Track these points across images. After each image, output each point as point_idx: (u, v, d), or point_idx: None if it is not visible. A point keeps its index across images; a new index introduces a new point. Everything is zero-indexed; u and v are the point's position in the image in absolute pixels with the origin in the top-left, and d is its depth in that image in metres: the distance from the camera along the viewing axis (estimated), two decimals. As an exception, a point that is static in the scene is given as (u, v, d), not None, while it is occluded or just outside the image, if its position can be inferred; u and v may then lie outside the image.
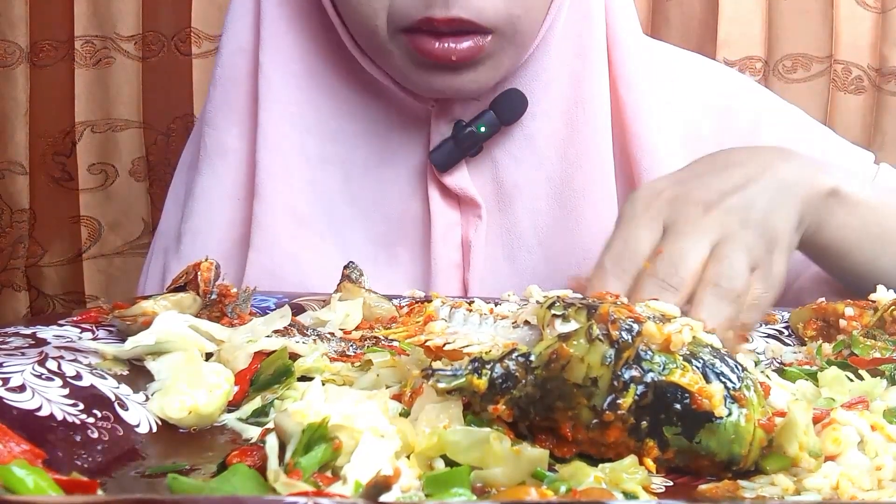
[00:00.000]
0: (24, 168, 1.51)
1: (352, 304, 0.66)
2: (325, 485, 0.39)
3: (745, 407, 0.44)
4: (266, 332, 0.57)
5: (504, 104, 0.84)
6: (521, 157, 0.86)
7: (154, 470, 0.43)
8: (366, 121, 0.86)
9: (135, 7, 1.48)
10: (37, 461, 0.39)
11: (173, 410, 0.49)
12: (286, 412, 0.42)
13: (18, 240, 1.54)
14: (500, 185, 0.86)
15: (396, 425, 0.43)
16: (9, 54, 1.48)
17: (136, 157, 1.52)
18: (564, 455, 0.46)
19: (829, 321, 0.66)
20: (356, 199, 0.87)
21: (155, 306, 0.58)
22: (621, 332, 0.45)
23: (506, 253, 0.86)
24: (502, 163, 0.86)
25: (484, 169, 0.86)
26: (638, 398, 0.44)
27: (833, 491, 0.42)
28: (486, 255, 0.85)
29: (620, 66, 0.87)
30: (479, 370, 0.46)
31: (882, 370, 0.56)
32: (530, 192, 0.85)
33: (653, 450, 0.44)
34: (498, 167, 0.86)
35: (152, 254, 0.94)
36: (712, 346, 0.47)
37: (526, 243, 0.85)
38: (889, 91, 1.43)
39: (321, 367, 0.55)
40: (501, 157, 0.86)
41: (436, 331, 0.54)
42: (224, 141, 0.88)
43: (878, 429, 0.46)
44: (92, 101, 1.49)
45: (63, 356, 0.50)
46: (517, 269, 0.85)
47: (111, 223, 1.54)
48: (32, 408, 0.44)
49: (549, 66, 0.85)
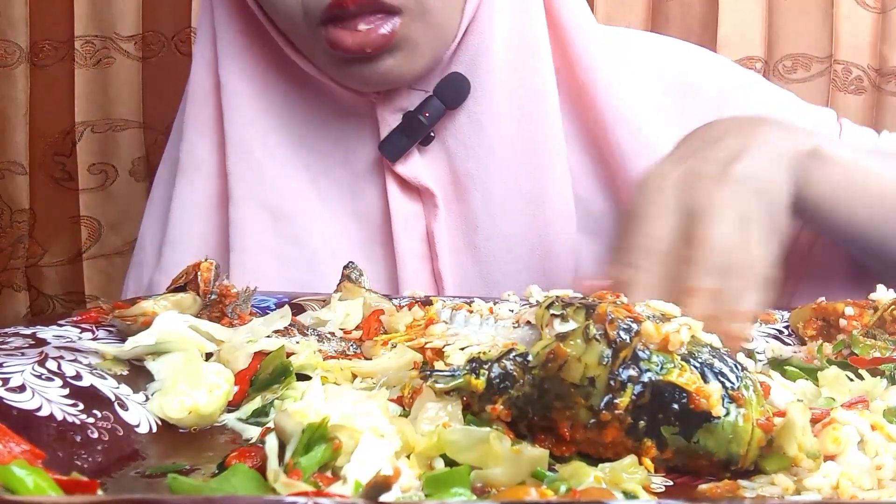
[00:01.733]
0: (24, 168, 1.50)
1: (352, 304, 0.66)
2: (325, 485, 0.39)
3: (744, 407, 0.44)
4: (266, 332, 0.57)
5: (446, 88, 0.84)
6: (472, 143, 0.86)
7: (154, 470, 0.43)
8: (318, 122, 0.88)
9: (135, 7, 1.47)
10: (37, 461, 0.39)
11: (173, 410, 0.49)
12: (286, 412, 0.43)
13: (18, 240, 1.54)
14: (454, 174, 0.86)
15: (396, 425, 0.43)
16: (9, 54, 1.47)
17: (137, 157, 1.52)
18: (563, 454, 0.46)
19: (829, 321, 0.66)
20: (325, 199, 0.88)
21: (155, 306, 0.58)
22: (619, 332, 0.45)
23: (467, 242, 0.86)
24: (455, 151, 0.86)
25: (438, 158, 0.86)
26: (635, 398, 0.44)
27: (833, 490, 0.42)
28: (449, 245, 0.86)
29: (571, 49, 0.87)
30: (477, 370, 0.46)
31: (882, 370, 0.56)
32: (484, 179, 0.86)
33: (651, 449, 0.44)
34: (451, 156, 0.86)
35: (132, 267, 0.96)
36: (711, 346, 0.47)
37: (484, 231, 0.86)
38: (889, 91, 1.43)
39: (314, 364, 0.55)
40: (453, 146, 0.86)
41: (436, 333, 0.54)
42: (196, 153, 0.90)
43: (878, 428, 0.46)
44: (92, 101, 1.49)
45: (63, 356, 0.50)
46: (479, 257, 0.86)
47: (111, 223, 1.53)
48: (32, 408, 0.44)
49: (486, 48, 0.85)
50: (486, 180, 0.86)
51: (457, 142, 0.86)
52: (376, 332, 0.62)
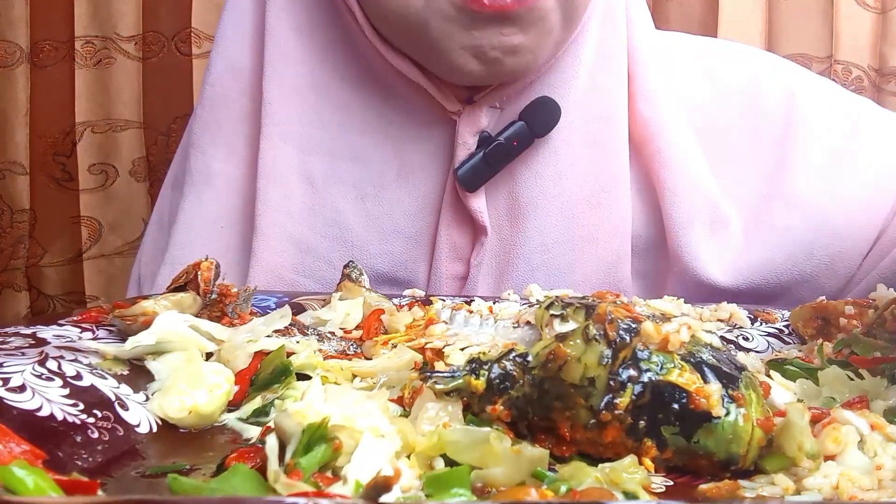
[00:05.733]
0: (24, 168, 1.50)
1: (352, 304, 0.65)
2: (326, 485, 0.39)
3: (744, 406, 0.44)
4: (266, 331, 0.57)
5: (536, 114, 0.78)
6: (543, 172, 0.80)
7: (154, 470, 0.43)
8: (381, 133, 0.81)
9: (135, 7, 1.47)
10: (37, 461, 0.39)
11: (173, 410, 0.49)
12: (286, 412, 0.43)
13: (19, 240, 1.54)
14: (515, 201, 0.80)
15: (396, 425, 0.43)
16: (9, 54, 1.47)
17: (137, 158, 1.52)
18: (563, 455, 0.46)
19: (830, 320, 0.66)
20: (371, 218, 0.81)
21: (155, 306, 0.58)
22: (618, 332, 0.45)
23: (510, 268, 0.81)
24: (521, 178, 0.80)
25: (502, 184, 0.80)
26: (635, 398, 0.44)
27: (833, 490, 0.42)
28: (489, 269, 0.81)
29: (640, 81, 0.83)
30: (477, 371, 0.46)
31: (882, 369, 0.56)
32: (546, 209, 0.80)
33: (651, 449, 0.44)
34: (517, 182, 0.80)
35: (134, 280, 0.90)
36: (711, 346, 0.47)
37: (530, 260, 0.80)
38: (889, 91, 1.43)
39: (314, 364, 0.55)
40: (522, 172, 0.80)
41: (436, 333, 0.54)
42: (209, 165, 0.83)
43: (878, 428, 0.46)
44: (92, 102, 1.49)
45: (63, 356, 0.50)
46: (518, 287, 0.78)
47: (111, 223, 1.54)
48: (33, 408, 0.44)
49: (578, 73, 0.80)
50: (548, 210, 0.80)
51: (527, 168, 0.80)
52: (376, 332, 0.62)
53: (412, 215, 0.81)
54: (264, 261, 0.80)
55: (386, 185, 0.81)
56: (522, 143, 0.78)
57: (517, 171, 0.80)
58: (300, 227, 0.81)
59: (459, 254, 0.81)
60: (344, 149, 0.81)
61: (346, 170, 0.81)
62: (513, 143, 0.77)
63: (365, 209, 0.81)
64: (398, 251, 0.81)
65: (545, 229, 0.81)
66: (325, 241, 0.81)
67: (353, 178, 0.81)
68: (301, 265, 0.81)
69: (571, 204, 0.81)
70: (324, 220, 0.81)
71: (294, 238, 0.81)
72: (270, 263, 0.80)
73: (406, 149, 0.81)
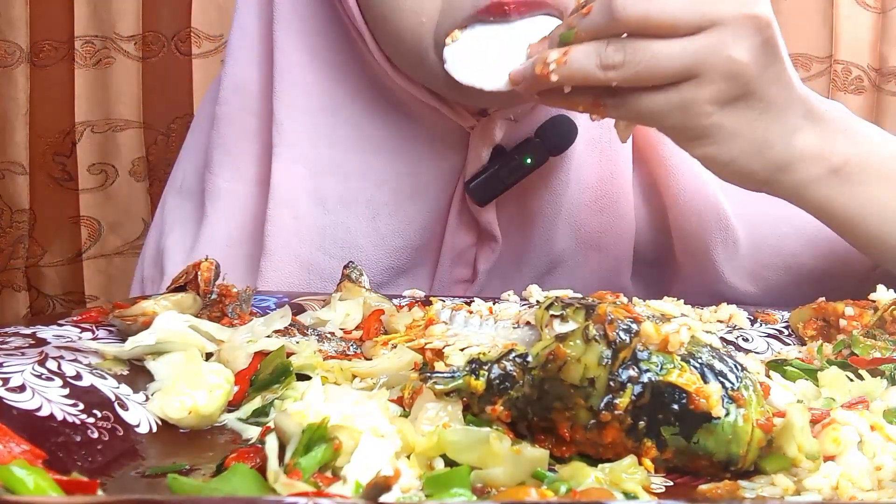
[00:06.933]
0: (24, 168, 1.50)
1: (352, 304, 0.65)
2: (325, 485, 0.39)
3: (744, 407, 0.44)
4: (266, 332, 0.57)
5: (552, 132, 0.77)
6: (553, 182, 0.80)
7: (154, 470, 0.43)
8: (393, 152, 0.80)
9: (135, 7, 1.47)
10: (37, 461, 0.39)
11: (173, 410, 0.49)
12: (286, 412, 0.43)
13: (18, 240, 1.54)
14: (524, 210, 0.81)
15: (396, 425, 0.43)
16: (9, 54, 1.47)
17: (137, 157, 1.52)
18: (563, 455, 0.46)
19: (829, 321, 0.66)
20: (383, 237, 0.81)
21: (155, 306, 0.58)
22: (618, 333, 0.45)
23: (515, 272, 0.82)
24: (532, 188, 0.80)
25: (509, 193, 0.80)
26: (635, 398, 0.44)
27: (833, 491, 0.42)
28: (494, 274, 0.82)
29: None
30: (477, 371, 0.46)
31: (882, 370, 0.56)
32: (552, 217, 0.81)
33: (651, 450, 0.44)
34: (526, 192, 0.80)
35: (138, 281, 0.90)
36: (711, 346, 0.47)
37: (535, 267, 0.82)
38: (889, 91, 1.43)
39: (314, 364, 0.55)
40: (531, 181, 0.79)
41: (436, 334, 0.54)
42: (216, 184, 0.83)
43: (877, 429, 0.46)
44: (92, 101, 1.49)
45: (63, 356, 0.50)
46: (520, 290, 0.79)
47: (111, 223, 1.54)
48: (32, 408, 0.44)
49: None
50: (555, 218, 0.81)
51: (537, 177, 0.79)
52: (376, 333, 0.62)
53: (422, 228, 0.81)
54: (271, 281, 0.80)
55: (400, 202, 0.81)
56: (536, 160, 0.78)
57: (526, 181, 0.80)
58: (309, 248, 0.81)
59: (464, 259, 0.82)
60: (357, 168, 0.81)
61: (360, 189, 0.81)
62: (527, 161, 0.77)
63: (376, 227, 0.81)
64: (404, 261, 0.82)
65: (550, 237, 0.81)
66: (333, 261, 0.81)
67: (365, 197, 0.81)
68: (308, 286, 0.80)
69: (577, 211, 0.81)
70: (334, 240, 0.81)
71: (302, 259, 0.80)
72: (277, 283, 0.80)
73: (421, 164, 0.81)
